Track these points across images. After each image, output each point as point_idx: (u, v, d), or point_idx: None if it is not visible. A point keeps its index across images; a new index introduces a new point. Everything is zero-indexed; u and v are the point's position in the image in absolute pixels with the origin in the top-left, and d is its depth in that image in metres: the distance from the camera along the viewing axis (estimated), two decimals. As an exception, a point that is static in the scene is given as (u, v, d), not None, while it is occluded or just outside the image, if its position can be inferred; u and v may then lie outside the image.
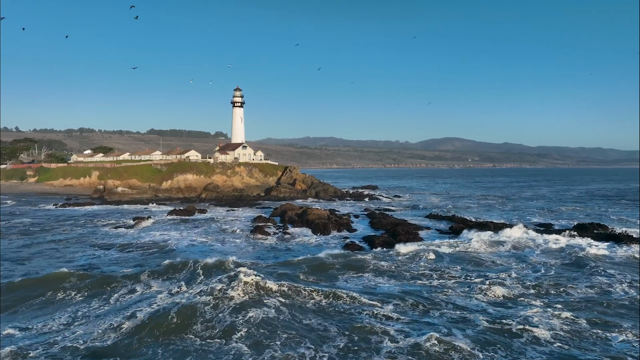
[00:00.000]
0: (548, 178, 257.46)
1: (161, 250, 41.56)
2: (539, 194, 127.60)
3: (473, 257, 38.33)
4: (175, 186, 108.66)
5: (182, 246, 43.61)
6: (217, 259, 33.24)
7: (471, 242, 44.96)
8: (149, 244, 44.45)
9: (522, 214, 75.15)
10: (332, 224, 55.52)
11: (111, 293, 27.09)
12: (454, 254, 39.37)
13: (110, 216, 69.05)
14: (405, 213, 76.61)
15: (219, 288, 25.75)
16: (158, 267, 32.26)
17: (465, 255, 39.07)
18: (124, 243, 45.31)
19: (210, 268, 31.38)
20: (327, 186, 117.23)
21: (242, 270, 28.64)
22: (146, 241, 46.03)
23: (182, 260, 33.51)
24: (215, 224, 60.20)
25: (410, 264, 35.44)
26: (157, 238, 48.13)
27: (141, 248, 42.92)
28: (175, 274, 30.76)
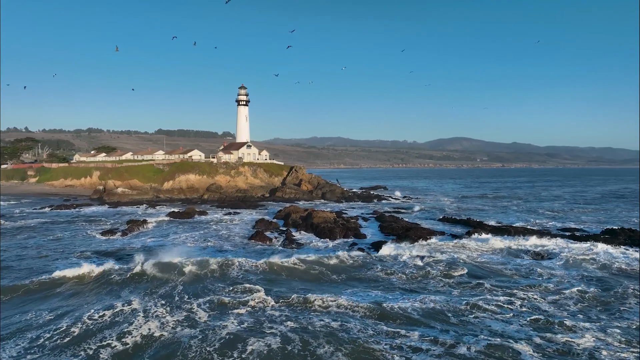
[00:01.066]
0: (560, 178, 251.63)
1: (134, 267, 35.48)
2: (554, 194, 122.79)
3: (497, 268, 34.14)
4: (177, 187, 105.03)
5: (164, 260, 39.47)
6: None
7: (492, 249, 40.83)
8: (129, 255, 39.44)
9: (541, 217, 70.77)
10: (338, 228, 51.48)
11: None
12: (474, 264, 35.20)
13: (104, 219, 65.37)
14: (416, 215, 72.47)
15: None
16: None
17: (487, 266, 34.92)
18: (103, 251, 41.22)
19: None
20: (334, 187, 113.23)
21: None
22: (129, 250, 41.85)
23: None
24: (214, 228, 56.37)
25: (427, 277, 31.35)
26: (146, 244, 44.27)
27: (120, 259, 38.49)
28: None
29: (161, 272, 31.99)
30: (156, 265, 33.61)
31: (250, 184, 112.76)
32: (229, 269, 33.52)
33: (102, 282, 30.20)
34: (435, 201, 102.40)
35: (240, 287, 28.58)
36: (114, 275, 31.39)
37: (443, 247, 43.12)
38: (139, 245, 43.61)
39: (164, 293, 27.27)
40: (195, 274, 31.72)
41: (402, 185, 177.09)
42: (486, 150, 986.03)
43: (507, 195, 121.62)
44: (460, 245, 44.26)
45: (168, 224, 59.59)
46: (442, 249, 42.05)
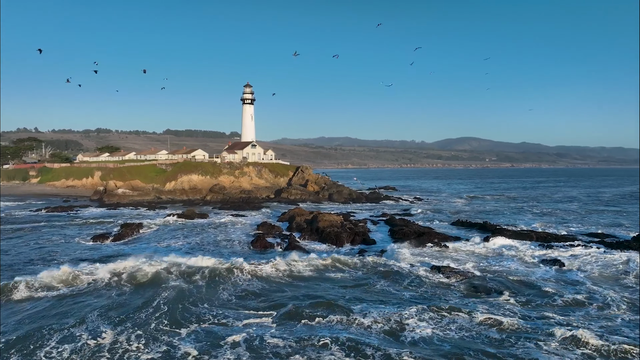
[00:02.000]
0: (571, 179, 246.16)
1: (109, 286, 29.80)
2: (569, 195, 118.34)
3: (526, 282, 30.25)
4: (179, 187, 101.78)
5: (148, 271, 35.81)
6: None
7: (515, 257, 37.09)
8: (113, 264, 36.03)
9: (560, 220, 66.77)
10: (345, 233, 47.86)
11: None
12: (499, 276, 31.41)
13: (99, 223, 62.14)
14: (428, 218, 68.70)
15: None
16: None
17: (513, 278, 31.08)
18: (87, 258, 37.57)
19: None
20: (341, 187, 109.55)
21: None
22: (115, 258, 37.96)
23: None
24: (213, 232, 52.94)
25: (448, 293, 27.59)
26: (136, 251, 40.86)
27: (98, 270, 34.96)
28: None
29: (141, 288, 28.64)
30: (136, 279, 30.29)
31: (255, 185, 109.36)
32: (222, 284, 30.09)
33: (65, 298, 26.73)
34: (447, 202, 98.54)
35: (234, 309, 25.18)
36: (83, 291, 28.01)
37: (461, 255, 39.45)
38: (127, 252, 40.17)
39: (142, 318, 23.29)
40: (182, 290, 28.24)
41: (411, 185, 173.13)
42: (495, 150, 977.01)
43: (520, 196, 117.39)
44: (480, 252, 40.58)
45: (165, 228, 56.27)
46: (460, 257, 38.36)
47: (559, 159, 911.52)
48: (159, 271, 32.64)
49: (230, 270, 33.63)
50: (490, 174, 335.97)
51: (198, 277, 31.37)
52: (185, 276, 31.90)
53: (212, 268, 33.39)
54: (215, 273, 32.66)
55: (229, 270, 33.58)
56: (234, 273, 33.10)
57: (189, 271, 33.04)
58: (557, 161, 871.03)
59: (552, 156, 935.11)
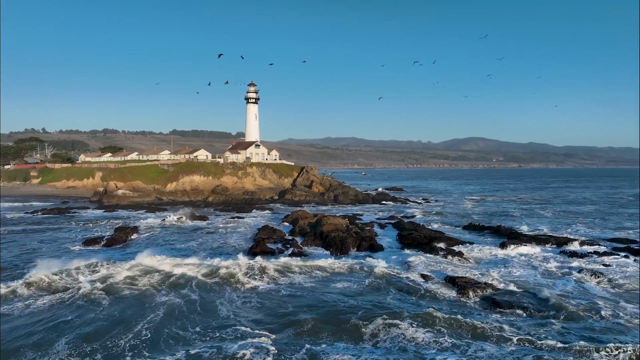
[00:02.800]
0: (581, 179, 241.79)
1: (85, 301, 26.41)
2: (582, 197, 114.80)
3: (556, 297, 27.07)
4: (181, 188, 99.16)
5: (125, 289, 33.14)
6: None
7: (537, 268, 34.08)
8: (94, 273, 32.73)
9: (577, 223, 63.49)
10: (351, 238, 44.92)
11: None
12: (524, 292, 28.22)
13: (93, 226, 59.57)
14: (437, 221, 65.59)
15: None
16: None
17: (540, 292, 27.97)
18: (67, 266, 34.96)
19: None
20: (347, 188, 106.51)
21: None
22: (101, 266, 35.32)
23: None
24: (211, 236, 50.17)
25: (469, 312, 24.51)
26: (124, 258, 38.10)
27: (76, 280, 32.22)
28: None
29: (123, 304, 25.94)
30: (118, 291, 27.61)
31: (259, 186, 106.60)
32: (216, 298, 27.30)
33: (22, 318, 23.92)
34: (456, 204, 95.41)
35: (228, 326, 22.43)
36: (52, 306, 25.32)
37: (476, 263, 36.41)
38: (117, 257, 37.35)
39: (120, 347, 20.53)
40: (170, 306, 25.49)
41: (419, 186, 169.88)
42: (502, 150, 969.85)
43: (531, 197, 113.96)
44: (497, 260, 37.53)
45: (161, 232, 53.54)
46: (476, 266, 35.34)
47: (567, 159, 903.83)
48: (145, 283, 29.95)
49: (225, 281, 30.91)
50: (498, 175, 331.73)
51: (187, 290, 28.64)
52: (174, 288, 29.18)
53: (202, 281, 30.69)
54: (207, 285, 29.96)
55: (224, 281, 30.85)
56: (230, 284, 30.38)
57: (179, 282, 30.36)
58: (565, 161, 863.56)
59: (560, 156, 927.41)
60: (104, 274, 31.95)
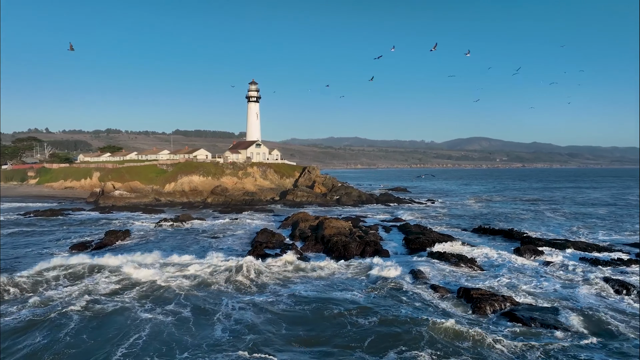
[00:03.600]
0: (587, 179, 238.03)
1: (59, 317, 23.49)
2: (592, 197, 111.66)
3: (585, 311, 24.23)
4: (179, 189, 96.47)
5: (112, 298, 30.39)
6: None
7: (559, 277, 31.25)
8: (68, 289, 29.24)
9: (591, 225, 60.60)
10: (355, 242, 42.15)
11: None
12: (548, 305, 25.43)
13: (85, 229, 56.95)
14: (445, 223, 62.83)
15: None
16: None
17: (566, 306, 25.17)
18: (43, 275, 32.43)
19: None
20: (350, 189, 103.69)
21: None
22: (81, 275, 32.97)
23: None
24: (206, 241, 47.47)
25: (492, 337, 21.64)
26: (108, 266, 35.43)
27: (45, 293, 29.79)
28: None
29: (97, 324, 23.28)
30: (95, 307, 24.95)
31: (259, 186, 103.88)
32: (203, 318, 24.57)
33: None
34: (462, 205, 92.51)
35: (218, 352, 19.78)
36: (9, 328, 22.54)
37: (491, 271, 33.56)
38: (101, 266, 34.59)
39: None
40: (153, 326, 22.81)
41: (423, 186, 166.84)
42: (505, 150, 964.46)
43: (539, 198, 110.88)
44: (513, 267, 34.68)
45: (154, 235, 50.86)
46: (491, 275, 32.48)
47: (571, 159, 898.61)
48: (129, 296, 27.32)
49: (219, 293, 28.25)
50: (503, 175, 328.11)
51: (176, 305, 26.03)
52: (161, 302, 26.55)
53: (193, 293, 28.09)
54: (199, 298, 27.30)
55: (217, 292, 28.19)
56: (224, 296, 27.73)
57: (167, 295, 27.73)
58: (569, 161, 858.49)
59: (564, 156, 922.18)
60: (82, 284, 29.32)
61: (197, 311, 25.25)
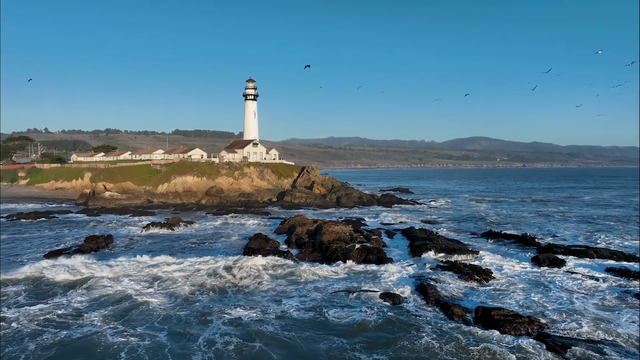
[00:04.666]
0: (591, 179, 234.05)
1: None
2: (600, 198, 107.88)
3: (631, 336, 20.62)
4: (172, 190, 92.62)
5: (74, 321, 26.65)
6: None
7: (591, 293, 27.57)
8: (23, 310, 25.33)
9: (607, 230, 56.75)
10: (355, 250, 38.51)
11: None
12: (590, 335, 21.66)
13: (66, 232, 53.21)
14: (452, 227, 59.12)
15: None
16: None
17: (615, 330, 21.51)
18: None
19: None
20: (350, 190, 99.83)
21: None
22: (41, 297, 29.26)
23: None
24: (195, 248, 43.71)
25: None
26: (74, 279, 31.74)
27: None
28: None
29: (54, 355, 19.54)
30: (49, 333, 21.25)
31: (256, 187, 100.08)
32: (182, 346, 20.88)
33: None
34: (467, 206, 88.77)
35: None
36: None
37: (512, 285, 29.79)
38: (72, 277, 30.87)
39: None
40: (125, 357, 19.10)
41: (425, 187, 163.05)
42: (506, 150, 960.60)
43: (546, 199, 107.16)
44: (535, 280, 30.94)
45: (139, 241, 47.07)
46: (512, 290, 28.73)
47: (572, 158, 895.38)
48: (97, 315, 23.60)
49: (200, 311, 24.57)
50: (504, 174, 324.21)
51: (149, 328, 22.35)
52: (134, 323, 22.89)
53: (170, 313, 24.38)
54: (178, 319, 23.62)
55: (200, 310, 24.50)
56: (206, 314, 24.06)
57: (140, 317, 24.01)
58: (570, 161, 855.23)
59: (565, 156, 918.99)
60: (47, 301, 25.65)
61: (176, 336, 21.66)
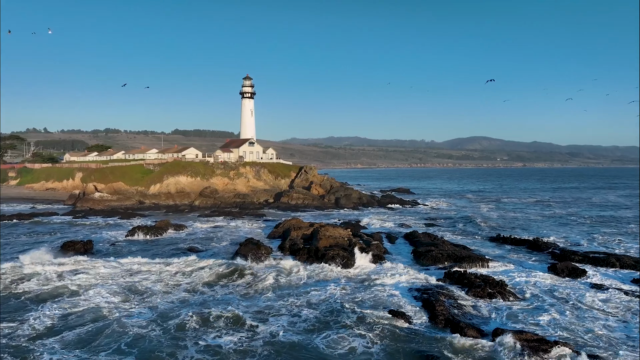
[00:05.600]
0: (593, 178, 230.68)
1: None
2: (607, 199, 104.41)
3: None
4: (165, 191, 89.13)
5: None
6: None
7: (623, 311, 24.15)
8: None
9: (624, 234, 53.26)
10: (354, 257, 35.12)
11: None
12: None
13: (47, 237, 49.78)
14: (456, 230, 55.75)
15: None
16: None
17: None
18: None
19: None
20: (349, 190, 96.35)
21: None
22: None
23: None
24: (178, 255, 40.16)
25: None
26: (39, 297, 28.32)
27: None
28: None
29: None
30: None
31: (252, 188, 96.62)
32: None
33: None
34: (471, 207, 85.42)
35: None
36: None
37: (529, 302, 26.33)
38: (37, 289, 27.47)
39: None
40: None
41: (426, 187, 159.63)
42: (506, 150, 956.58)
43: (552, 199, 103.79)
44: (555, 294, 27.51)
45: (121, 248, 43.57)
46: (530, 307, 25.31)
47: (572, 158, 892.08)
48: (56, 347, 20.17)
49: (177, 331, 21.15)
50: (505, 174, 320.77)
51: (114, 356, 18.83)
52: (96, 350, 19.42)
53: (141, 332, 20.91)
54: (151, 339, 20.19)
55: (176, 330, 21.08)
56: (184, 337, 20.64)
57: (109, 341, 20.56)
58: (570, 160, 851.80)
59: (565, 155, 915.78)
60: (3, 320, 22.20)
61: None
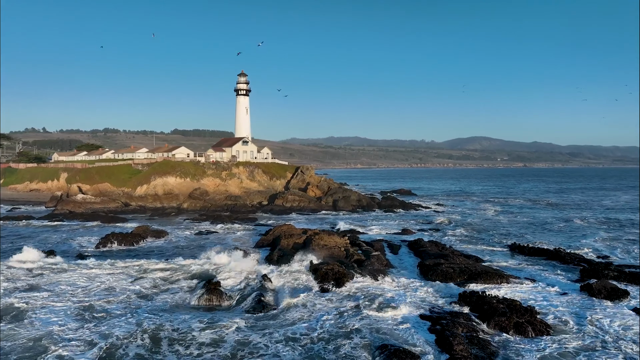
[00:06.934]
0: (597, 179, 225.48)
1: None
2: (622, 201, 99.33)
3: None
4: (152, 192, 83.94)
5: None
6: None
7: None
8: None
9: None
10: (351, 272, 30.07)
11: None
12: None
13: (8, 245, 44.65)
14: (465, 237, 50.68)
15: None
16: None
17: None
18: None
19: None
20: (348, 192, 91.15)
21: None
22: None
23: None
24: (150, 270, 35.13)
25: None
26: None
27: None
28: None
29: None
30: None
31: (246, 189, 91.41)
32: None
33: None
34: (477, 211, 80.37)
35: None
36: None
37: (568, 337, 21.20)
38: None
39: None
40: None
41: (428, 188, 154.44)
42: (506, 150, 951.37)
43: (561, 202, 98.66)
44: (595, 323, 22.40)
45: (90, 259, 38.27)
46: (571, 347, 20.21)
47: (572, 158, 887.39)
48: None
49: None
50: (507, 174, 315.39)
51: None
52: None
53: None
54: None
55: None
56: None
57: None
58: (570, 160, 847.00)
59: (565, 155, 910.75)
60: None
61: None
